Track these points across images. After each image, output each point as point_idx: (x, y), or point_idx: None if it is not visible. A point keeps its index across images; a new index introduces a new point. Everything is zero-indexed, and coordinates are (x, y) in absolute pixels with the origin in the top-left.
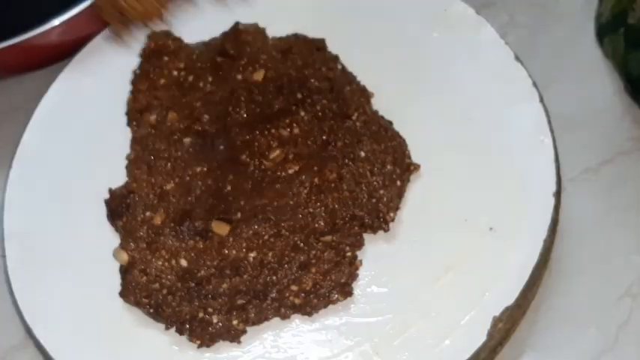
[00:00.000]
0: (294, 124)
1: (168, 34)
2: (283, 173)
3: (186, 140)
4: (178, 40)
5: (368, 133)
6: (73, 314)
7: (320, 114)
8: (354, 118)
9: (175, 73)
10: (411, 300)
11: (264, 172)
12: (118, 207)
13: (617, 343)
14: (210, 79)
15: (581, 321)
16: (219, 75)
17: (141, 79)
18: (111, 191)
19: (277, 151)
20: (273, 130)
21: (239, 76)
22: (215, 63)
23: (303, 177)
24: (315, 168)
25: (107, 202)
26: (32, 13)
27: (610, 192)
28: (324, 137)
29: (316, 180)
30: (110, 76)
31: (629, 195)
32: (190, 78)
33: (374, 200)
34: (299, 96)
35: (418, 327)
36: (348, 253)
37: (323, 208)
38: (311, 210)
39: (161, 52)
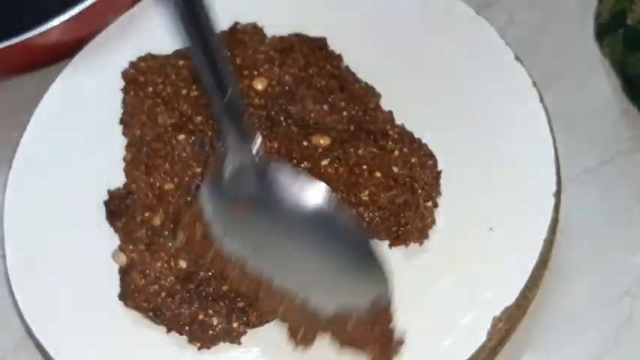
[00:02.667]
0: (321, 134)
1: (146, 57)
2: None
3: (181, 137)
4: (151, 59)
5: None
6: (73, 314)
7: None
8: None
9: (151, 89)
10: (411, 300)
11: None
12: (117, 208)
13: (617, 343)
14: (194, 86)
15: (581, 321)
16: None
17: (125, 96)
18: (109, 192)
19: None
20: (305, 143)
21: None
22: (195, 73)
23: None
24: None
25: (106, 204)
26: (32, 13)
27: (610, 192)
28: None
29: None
30: (110, 76)
31: (629, 195)
32: (169, 89)
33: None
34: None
35: (418, 327)
36: None
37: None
38: None
39: (138, 74)
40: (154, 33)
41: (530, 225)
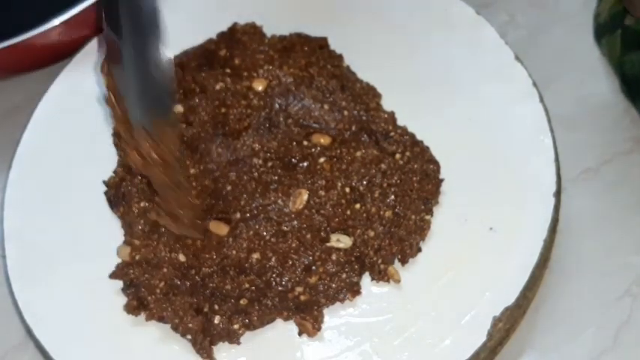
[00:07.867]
0: (322, 133)
1: None
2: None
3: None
4: None
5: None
6: (73, 314)
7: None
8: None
9: None
10: (411, 300)
11: (274, 171)
12: (115, 196)
13: (617, 343)
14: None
15: (581, 321)
16: (196, 90)
17: None
18: (105, 182)
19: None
20: (305, 143)
21: (217, 86)
22: (191, 80)
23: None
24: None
25: (106, 193)
26: (32, 13)
27: (610, 192)
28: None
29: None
30: None
31: (629, 195)
32: None
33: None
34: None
35: (418, 327)
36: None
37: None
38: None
39: None
40: None
41: (530, 225)
